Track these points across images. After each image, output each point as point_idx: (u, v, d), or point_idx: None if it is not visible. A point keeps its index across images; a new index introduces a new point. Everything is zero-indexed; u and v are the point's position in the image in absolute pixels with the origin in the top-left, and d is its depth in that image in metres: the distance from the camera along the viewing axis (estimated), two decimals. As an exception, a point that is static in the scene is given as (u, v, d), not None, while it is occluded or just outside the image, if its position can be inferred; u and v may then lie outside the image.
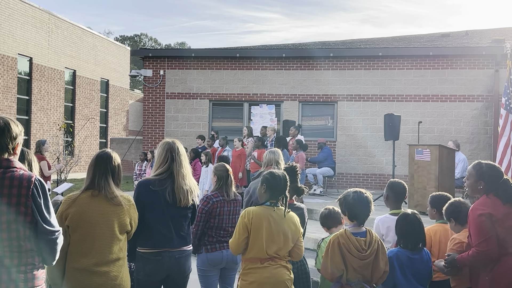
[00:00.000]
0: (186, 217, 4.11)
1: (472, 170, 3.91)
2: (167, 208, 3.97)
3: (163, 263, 3.96)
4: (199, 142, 12.84)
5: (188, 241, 4.15)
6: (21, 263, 2.74)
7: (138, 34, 62.51)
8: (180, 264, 4.04)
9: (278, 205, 3.82)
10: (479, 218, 3.68)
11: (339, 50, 14.96)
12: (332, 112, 14.51)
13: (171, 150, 4.08)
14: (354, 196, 3.67)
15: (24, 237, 2.73)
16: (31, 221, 2.73)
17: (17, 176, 2.74)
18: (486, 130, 13.61)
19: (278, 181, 3.82)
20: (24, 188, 2.72)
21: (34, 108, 21.06)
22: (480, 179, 3.82)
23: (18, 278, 2.73)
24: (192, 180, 4.15)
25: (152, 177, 4.05)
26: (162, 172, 4.03)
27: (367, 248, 3.54)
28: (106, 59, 26.99)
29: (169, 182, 4.00)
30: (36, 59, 21.05)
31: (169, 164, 4.05)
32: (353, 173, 14.18)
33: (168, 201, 3.96)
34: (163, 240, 3.95)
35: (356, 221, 3.64)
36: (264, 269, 3.70)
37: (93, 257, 3.36)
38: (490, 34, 17.62)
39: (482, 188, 3.81)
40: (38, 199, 2.75)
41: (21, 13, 20.10)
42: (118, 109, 28.73)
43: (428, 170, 9.15)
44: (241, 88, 14.83)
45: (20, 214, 2.70)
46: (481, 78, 13.69)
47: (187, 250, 4.12)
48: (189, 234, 4.18)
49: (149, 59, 15.32)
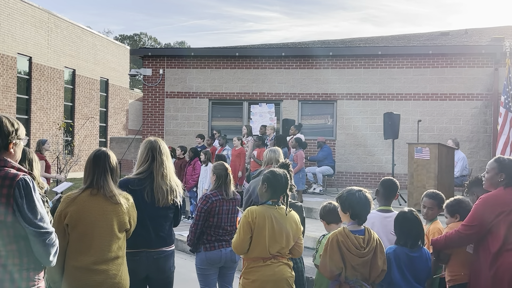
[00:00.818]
0: (166, 217, 4.04)
1: (494, 163, 3.94)
2: (145, 208, 3.88)
3: (141, 263, 3.91)
4: (198, 141, 12.84)
5: (169, 242, 4.08)
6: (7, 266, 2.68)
7: (137, 33, 62.54)
8: (159, 264, 3.99)
9: (280, 204, 3.82)
10: (482, 206, 3.76)
11: (339, 49, 14.96)
12: (332, 111, 14.52)
13: (152, 149, 4.02)
14: (359, 196, 3.66)
15: (9, 237, 2.67)
16: (12, 221, 2.66)
17: (1, 175, 2.67)
18: (485, 129, 13.62)
19: (279, 180, 3.81)
20: (5, 188, 2.64)
21: (34, 107, 21.06)
22: (502, 171, 3.85)
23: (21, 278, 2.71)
24: (174, 180, 4.07)
25: (132, 176, 4.01)
26: (142, 172, 3.98)
27: (365, 246, 3.54)
28: (105, 59, 26.98)
29: (149, 181, 3.94)
30: (35, 59, 21.05)
31: (150, 163, 3.99)
32: (353, 172, 14.18)
33: (146, 201, 3.90)
34: (141, 240, 3.89)
35: (358, 220, 3.64)
36: (266, 267, 3.71)
37: (92, 255, 3.36)
38: (490, 32, 17.62)
39: (502, 180, 3.83)
40: (19, 199, 2.66)
41: (20, 13, 20.09)
42: (117, 108, 28.72)
43: (428, 168, 9.16)
44: (241, 87, 14.83)
45: (1, 214, 2.64)
46: (480, 76, 13.69)
47: (166, 250, 4.05)
48: (170, 234, 4.11)
49: (149, 58, 15.32)
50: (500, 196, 3.76)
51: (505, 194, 3.77)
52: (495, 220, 3.70)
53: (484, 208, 3.74)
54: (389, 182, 4.44)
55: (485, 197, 3.80)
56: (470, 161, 13.05)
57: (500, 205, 3.71)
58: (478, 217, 3.74)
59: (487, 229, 3.73)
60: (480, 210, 3.76)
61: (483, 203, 3.78)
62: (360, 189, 3.72)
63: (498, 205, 3.72)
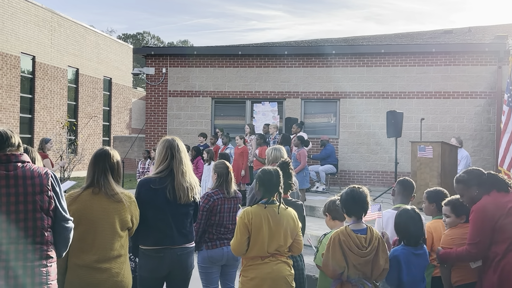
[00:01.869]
0: (187, 214, 4.11)
1: (457, 185, 3.97)
2: (168, 206, 3.97)
3: (165, 260, 3.98)
4: (201, 140, 12.85)
5: (190, 238, 4.16)
6: (43, 257, 2.90)
7: (140, 32, 62.57)
8: (182, 261, 4.05)
9: (275, 202, 3.82)
10: (479, 219, 3.73)
11: (341, 47, 14.94)
12: (335, 109, 14.50)
13: (171, 148, 4.07)
14: (348, 192, 3.70)
15: (48, 227, 2.94)
16: (54, 209, 2.97)
17: (35, 169, 2.99)
18: (489, 127, 13.58)
19: (270, 178, 3.83)
20: (45, 179, 2.96)
21: (37, 106, 21.10)
22: (470, 186, 3.88)
23: (41, 272, 2.87)
24: (193, 177, 4.14)
25: (153, 176, 4.06)
26: (163, 170, 4.03)
27: (367, 245, 3.54)
28: (109, 58, 27.00)
29: (169, 179, 3.99)
30: (39, 58, 21.08)
31: (169, 161, 4.04)
32: (356, 170, 14.17)
33: (168, 199, 3.96)
34: (164, 238, 3.97)
35: (354, 217, 3.64)
36: (265, 265, 3.72)
37: (94, 253, 3.39)
38: (493, 30, 17.57)
39: (479, 192, 3.84)
40: (56, 188, 3.01)
41: (24, 12, 20.13)
42: (121, 107, 28.76)
43: (431, 167, 9.15)
44: (244, 86, 14.83)
45: (44, 202, 2.92)
46: (484, 74, 13.65)
47: (189, 247, 4.13)
48: (191, 231, 4.19)
49: (152, 57, 15.33)
50: (490, 203, 3.74)
51: (493, 199, 3.75)
52: (496, 225, 3.68)
53: (483, 220, 3.71)
54: (407, 181, 4.52)
55: (478, 209, 3.76)
56: (474, 159, 13.02)
57: (494, 211, 3.70)
58: (480, 231, 3.70)
59: (491, 237, 3.71)
60: (479, 223, 3.72)
61: (479, 216, 3.73)
62: (353, 187, 3.73)
63: (493, 212, 3.70)
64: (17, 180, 2.89)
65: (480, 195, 3.82)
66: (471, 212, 3.82)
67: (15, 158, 2.96)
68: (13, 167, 2.92)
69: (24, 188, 2.89)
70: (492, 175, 3.89)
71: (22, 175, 2.91)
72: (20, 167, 2.94)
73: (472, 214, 3.79)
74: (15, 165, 2.93)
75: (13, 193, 2.87)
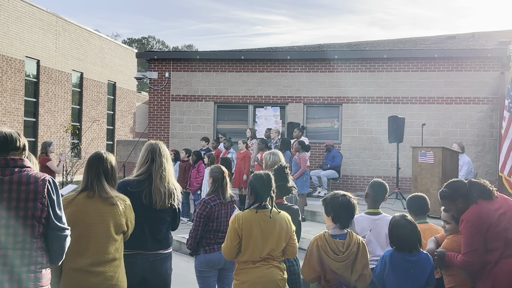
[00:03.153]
0: (164, 220, 4.06)
1: (443, 201, 3.97)
2: (142, 211, 3.91)
3: (137, 266, 3.92)
4: (203, 144, 12.87)
5: (165, 245, 4.09)
6: (31, 262, 2.86)
7: (146, 36, 62.81)
8: (155, 267, 4.00)
9: (267, 207, 3.82)
10: (470, 229, 3.71)
11: (344, 52, 14.95)
12: (337, 114, 14.50)
13: (152, 151, 4.06)
14: (342, 200, 3.67)
15: (38, 234, 2.88)
16: (46, 217, 2.90)
17: (33, 174, 2.94)
18: (491, 133, 13.55)
19: (261, 182, 3.84)
20: (40, 185, 2.90)
21: (42, 110, 21.20)
22: (455, 199, 3.86)
23: (28, 278, 2.83)
24: (173, 183, 4.09)
25: (132, 178, 4.04)
26: (142, 173, 4.02)
27: (344, 250, 3.52)
28: (113, 62, 27.12)
29: (147, 183, 3.97)
30: (43, 62, 21.20)
31: (149, 165, 4.03)
32: (358, 175, 14.15)
33: (144, 203, 3.92)
34: (136, 242, 3.89)
35: (339, 224, 3.64)
36: (256, 269, 3.73)
37: (89, 257, 3.39)
38: (497, 36, 17.54)
39: (464, 204, 3.83)
40: (52, 195, 2.95)
41: (28, 16, 20.26)
42: (125, 111, 28.85)
43: (432, 172, 9.14)
44: (246, 90, 14.86)
45: (37, 210, 2.86)
46: (486, 80, 13.63)
47: (163, 253, 4.07)
48: (166, 237, 4.12)
49: (155, 61, 15.39)
50: (479, 212, 3.73)
51: (482, 208, 3.74)
52: (487, 234, 3.67)
53: (474, 228, 3.70)
54: (378, 184, 4.44)
55: (468, 218, 3.75)
56: (476, 165, 12.99)
57: (485, 219, 3.69)
58: (474, 239, 3.69)
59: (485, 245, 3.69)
60: (472, 231, 3.70)
61: (470, 224, 3.72)
62: (344, 194, 3.71)
63: (483, 220, 3.69)
64: (11, 185, 2.87)
65: (466, 206, 3.81)
66: (460, 222, 3.80)
67: (14, 162, 2.93)
68: (10, 172, 2.90)
69: (17, 194, 2.86)
70: (474, 183, 3.88)
71: (17, 180, 2.88)
72: (17, 172, 2.91)
73: (463, 223, 3.77)
74: (12, 169, 2.90)
75: (5, 198, 2.85)
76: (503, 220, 3.66)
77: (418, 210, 4.39)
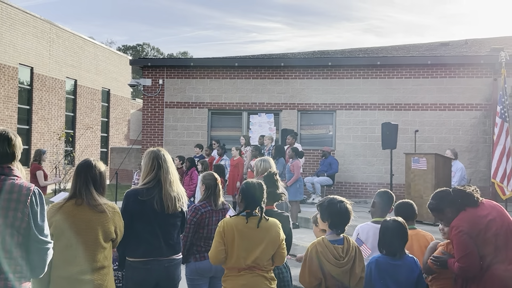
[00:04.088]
0: (175, 225, 4.11)
1: (432, 213, 4.06)
2: (155, 217, 3.97)
3: (152, 272, 3.97)
4: (197, 151, 12.85)
5: (177, 250, 4.16)
6: (10, 271, 2.79)
7: (140, 43, 62.82)
8: (170, 272, 4.05)
9: (256, 215, 3.81)
10: (459, 234, 3.71)
11: (337, 59, 14.98)
12: (331, 121, 14.52)
13: (157, 158, 4.09)
14: (340, 206, 3.67)
15: (17, 244, 2.80)
16: (27, 228, 2.82)
17: (17, 183, 2.88)
18: (485, 139, 13.59)
19: (253, 190, 3.83)
20: (24, 195, 2.83)
21: (35, 117, 21.12)
22: (444, 209, 3.89)
23: (6, 286, 2.78)
24: (180, 187, 4.15)
25: (140, 187, 4.05)
26: (150, 181, 4.04)
27: (344, 256, 3.53)
28: (107, 69, 27.08)
29: (157, 190, 4.00)
30: (37, 69, 21.14)
31: (156, 171, 4.05)
32: (352, 182, 14.15)
33: (156, 210, 3.96)
34: (152, 249, 3.96)
35: (337, 229, 3.63)
36: (240, 277, 3.72)
37: (77, 265, 3.36)
38: (490, 43, 17.64)
39: (452, 213, 3.85)
40: (35, 207, 2.86)
41: (22, 23, 20.22)
42: (119, 119, 28.78)
43: (425, 178, 9.15)
44: (240, 97, 14.86)
45: (17, 220, 2.80)
46: (479, 86, 13.69)
47: (176, 258, 4.13)
48: (178, 242, 4.18)
49: (148, 68, 15.38)
50: (467, 218, 3.74)
51: (470, 214, 3.75)
52: (477, 240, 3.67)
53: (463, 234, 3.69)
54: (385, 194, 4.50)
55: (457, 224, 3.76)
56: (470, 172, 13.01)
57: (474, 225, 3.70)
58: (466, 244, 3.67)
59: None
60: (462, 238, 3.69)
61: (459, 231, 3.72)
62: (341, 200, 3.72)
63: (472, 226, 3.70)
64: None
65: (455, 214, 3.83)
66: (450, 229, 3.81)
67: (1, 170, 2.91)
68: None
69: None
70: (459, 191, 3.89)
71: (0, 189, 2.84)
72: (2, 180, 2.87)
73: (453, 230, 3.78)
74: None
75: None
76: (492, 226, 3.66)
77: (405, 216, 4.40)
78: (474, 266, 3.66)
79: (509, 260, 3.59)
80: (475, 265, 3.66)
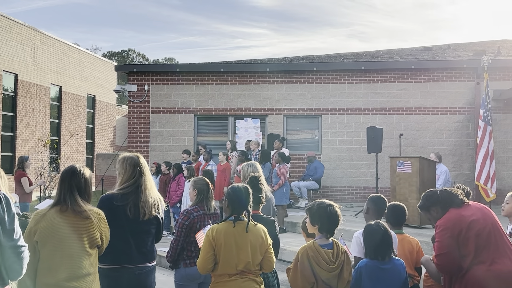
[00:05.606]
0: (148, 232, 4.07)
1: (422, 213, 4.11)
2: (127, 224, 3.92)
3: (122, 279, 3.92)
4: (184, 156, 12.83)
5: (150, 258, 4.11)
6: None
7: (126, 49, 62.55)
8: (140, 280, 4.00)
9: (243, 219, 3.80)
10: (441, 233, 3.77)
11: (323, 64, 15.08)
12: (317, 125, 14.59)
13: (138, 165, 4.08)
14: (330, 210, 3.68)
15: None
16: None
17: None
18: (468, 142, 13.75)
19: (239, 195, 3.82)
20: None
21: (19, 124, 20.92)
22: (430, 208, 3.98)
23: None
24: (156, 193, 4.14)
25: (116, 192, 4.02)
26: (127, 186, 4.01)
27: (335, 260, 3.55)
28: (92, 75, 26.93)
29: (133, 196, 3.97)
30: (21, 76, 20.96)
31: (137, 178, 4.04)
32: (338, 186, 14.22)
33: (128, 216, 3.92)
34: (122, 256, 3.91)
35: (326, 233, 3.64)
36: (231, 282, 3.69)
37: (63, 272, 3.33)
38: (472, 47, 17.88)
39: (437, 212, 3.94)
40: (1, 213, 2.80)
41: (6, 30, 20.05)
42: (105, 125, 28.61)
43: (410, 182, 9.22)
44: (226, 103, 14.88)
45: None
46: (462, 91, 13.86)
47: (148, 266, 4.08)
48: (152, 250, 4.13)
49: (134, 74, 15.33)
50: (450, 217, 3.80)
51: (455, 214, 3.81)
52: (459, 239, 3.72)
53: (445, 232, 3.75)
54: (378, 198, 4.49)
55: (441, 223, 3.83)
56: (454, 174, 13.15)
57: (456, 224, 3.75)
58: (445, 243, 3.73)
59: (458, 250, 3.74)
60: (444, 235, 3.75)
61: (442, 229, 3.79)
62: (331, 203, 3.73)
63: (455, 225, 3.75)
64: None
65: (441, 213, 3.90)
66: (435, 228, 3.87)
67: None
68: None
69: None
70: (445, 192, 3.96)
71: None
72: None
73: (436, 229, 3.84)
74: None
75: None
76: (474, 226, 3.72)
77: (396, 220, 4.44)
78: (449, 266, 3.73)
79: (491, 260, 3.64)
80: (450, 265, 3.72)
